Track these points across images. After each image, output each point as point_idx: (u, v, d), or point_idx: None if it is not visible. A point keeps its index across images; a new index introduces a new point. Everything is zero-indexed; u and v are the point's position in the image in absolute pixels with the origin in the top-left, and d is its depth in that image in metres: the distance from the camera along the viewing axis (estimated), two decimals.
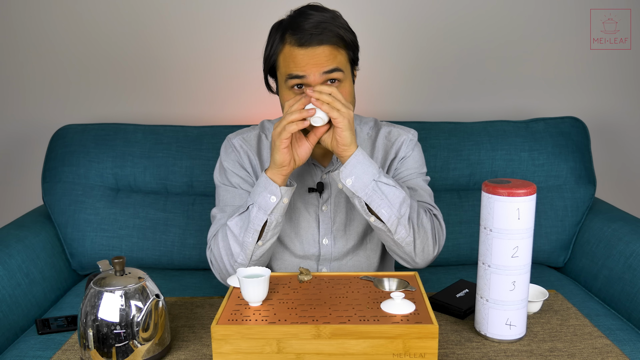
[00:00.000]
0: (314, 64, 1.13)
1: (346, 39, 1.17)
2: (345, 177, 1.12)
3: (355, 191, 1.13)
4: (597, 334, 1.04)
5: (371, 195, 1.13)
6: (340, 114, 1.09)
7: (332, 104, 1.08)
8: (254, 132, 1.35)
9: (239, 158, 1.31)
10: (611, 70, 2.08)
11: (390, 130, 1.34)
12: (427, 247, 1.20)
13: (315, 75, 1.14)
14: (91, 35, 2.01)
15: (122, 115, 2.06)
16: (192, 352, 0.99)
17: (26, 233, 1.62)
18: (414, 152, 1.33)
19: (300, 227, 1.30)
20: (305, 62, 1.13)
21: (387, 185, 1.14)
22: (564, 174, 1.81)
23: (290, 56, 1.15)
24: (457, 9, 2.01)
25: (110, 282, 0.94)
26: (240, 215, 1.18)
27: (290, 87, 1.17)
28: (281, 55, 1.17)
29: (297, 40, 1.13)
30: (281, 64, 1.18)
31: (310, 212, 1.30)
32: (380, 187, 1.13)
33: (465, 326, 1.07)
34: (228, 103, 2.07)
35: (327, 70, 1.14)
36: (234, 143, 1.32)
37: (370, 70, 1.96)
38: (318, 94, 1.08)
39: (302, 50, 1.13)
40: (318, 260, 1.32)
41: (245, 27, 2.00)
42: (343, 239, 1.31)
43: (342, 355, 0.90)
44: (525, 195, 0.95)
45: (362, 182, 1.12)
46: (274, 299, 1.00)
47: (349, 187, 1.13)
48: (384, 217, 1.13)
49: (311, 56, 1.13)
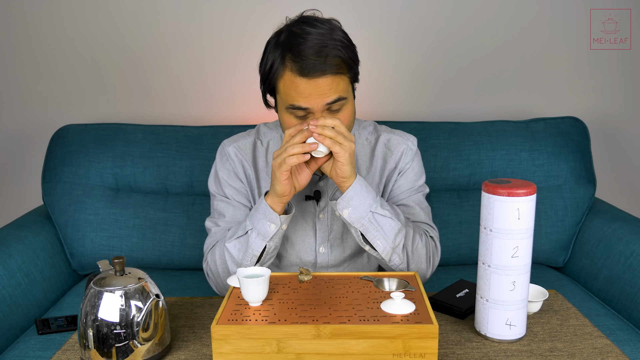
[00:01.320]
0: (317, 96, 1.11)
1: (347, 62, 1.13)
2: (342, 208, 1.13)
3: (351, 222, 1.14)
4: (597, 334, 1.04)
5: (367, 227, 1.14)
6: (342, 147, 1.08)
7: (335, 139, 1.07)
8: (249, 139, 1.33)
9: (234, 167, 1.30)
10: (611, 70, 2.08)
11: (389, 138, 1.33)
12: (420, 270, 1.22)
13: (318, 106, 1.12)
14: (91, 35, 2.01)
15: (122, 115, 2.06)
16: (192, 352, 0.99)
17: (26, 233, 1.62)
18: (413, 162, 1.32)
19: (297, 235, 1.29)
20: (308, 92, 1.11)
21: (383, 216, 1.14)
22: (564, 174, 1.81)
23: (292, 85, 1.11)
24: (457, 9, 2.01)
25: (110, 282, 0.94)
26: (239, 238, 1.19)
27: (290, 113, 1.15)
28: (281, 80, 1.14)
29: (299, 69, 1.10)
30: (282, 89, 1.15)
31: (307, 220, 1.29)
32: (376, 218, 1.14)
33: (465, 326, 1.07)
34: (228, 103, 2.07)
35: (330, 101, 1.12)
36: (229, 152, 1.31)
37: (371, 70, 1.96)
38: (321, 129, 1.07)
39: (304, 81, 1.10)
40: (315, 268, 1.31)
41: (245, 27, 2.00)
42: (340, 248, 1.30)
43: (342, 355, 0.90)
44: (525, 195, 0.95)
45: (359, 214, 1.13)
46: (274, 299, 1.00)
47: (346, 217, 1.14)
48: (378, 247, 1.15)
49: (314, 87, 1.10)
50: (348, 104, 1.16)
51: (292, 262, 1.31)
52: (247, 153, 1.31)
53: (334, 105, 1.13)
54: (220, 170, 1.31)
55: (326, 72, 1.10)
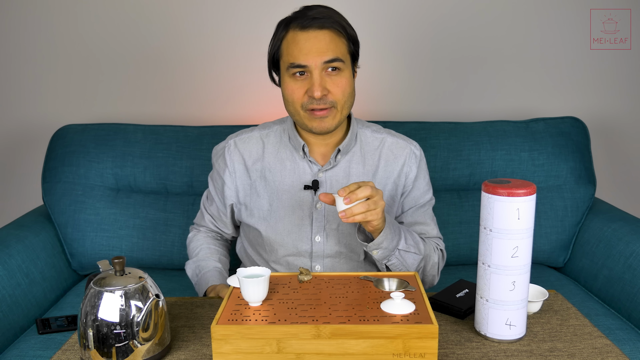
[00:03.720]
0: (315, 52, 1.17)
1: (347, 31, 1.21)
2: (372, 249, 1.20)
3: (379, 259, 1.22)
4: (597, 334, 1.04)
5: (393, 262, 1.23)
6: (374, 213, 1.09)
7: (368, 209, 1.08)
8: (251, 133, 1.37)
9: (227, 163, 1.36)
10: (611, 70, 2.08)
11: (393, 142, 1.36)
12: (428, 281, 1.36)
13: (316, 63, 1.17)
14: (91, 35, 2.01)
15: (122, 115, 2.06)
16: (192, 352, 0.99)
17: (26, 233, 1.62)
18: (418, 177, 1.36)
19: (294, 224, 1.31)
20: (307, 48, 1.17)
21: (407, 252, 1.23)
22: (564, 174, 1.81)
23: (293, 41, 1.19)
24: (458, 9, 2.01)
25: (110, 282, 0.94)
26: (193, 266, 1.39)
27: (292, 74, 1.21)
28: (284, 42, 1.21)
29: (300, 24, 1.18)
30: (284, 51, 1.21)
31: (304, 209, 1.31)
32: (401, 254, 1.22)
33: (465, 326, 1.07)
34: (228, 103, 2.07)
35: (327, 59, 1.18)
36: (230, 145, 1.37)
37: (371, 70, 1.96)
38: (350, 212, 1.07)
39: (304, 34, 1.17)
40: (311, 257, 1.32)
41: (246, 27, 2.00)
42: (335, 237, 1.31)
43: (342, 355, 0.90)
44: (525, 195, 0.95)
45: (387, 253, 1.20)
46: (274, 299, 1.00)
47: (374, 256, 1.21)
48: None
49: (313, 41, 1.17)
50: (346, 71, 1.22)
51: (289, 252, 1.32)
52: (246, 146, 1.36)
53: (331, 65, 1.19)
54: (214, 164, 1.40)
55: (325, 26, 1.18)
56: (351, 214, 1.08)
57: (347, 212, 1.08)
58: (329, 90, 1.20)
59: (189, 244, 1.46)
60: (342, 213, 1.08)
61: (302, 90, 1.21)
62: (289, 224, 1.31)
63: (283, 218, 1.31)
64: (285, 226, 1.31)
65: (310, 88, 1.19)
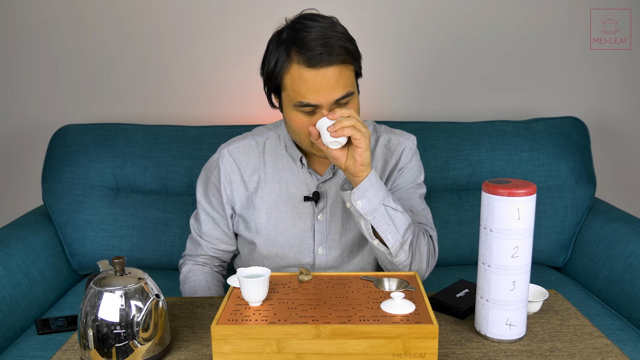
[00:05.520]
0: (325, 91, 1.11)
1: (351, 52, 1.14)
2: (357, 198, 1.11)
3: (364, 213, 1.12)
4: (597, 334, 1.04)
5: (379, 220, 1.13)
6: (362, 134, 1.08)
7: (355, 126, 1.07)
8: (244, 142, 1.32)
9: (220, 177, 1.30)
10: (611, 70, 2.08)
11: (389, 139, 1.33)
12: (420, 270, 1.22)
13: (327, 102, 1.12)
14: (91, 35, 2.01)
15: (122, 115, 2.06)
16: (192, 352, 0.99)
17: (26, 233, 1.62)
18: (411, 162, 1.32)
19: (295, 237, 1.29)
20: (316, 87, 1.10)
21: (394, 210, 1.14)
22: (564, 174, 1.81)
23: (300, 79, 1.11)
24: (457, 9, 2.01)
25: (110, 282, 0.94)
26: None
27: (298, 111, 1.15)
28: (288, 75, 1.13)
29: (306, 60, 1.09)
30: (289, 86, 1.14)
31: (305, 221, 1.29)
32: (388, 211, 1.13)
33: (465, 326, 1.07)
34: (228, 103, 2.07)
35: (339, 97, 1.12)
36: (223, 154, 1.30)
37: (370, 70, 1.95)
38: (339, 123, 1.06)
39: (312, 72, 1.10)
40: (313, 270, 1.31)
41: (245, 27, 2.00)
42: (338, 249, 1.30)
43: (342, 355, 0.90)
44: (525, 195, 0.95)
45: (372, 205, 1.12)
46: (274, 299, 1.00)
47: (359, 209, 1.12)
48: (388, 242, 1.14)
49: (322, 79, 1.10)
50: (355, 98, 1.17)
51: (291, 264, 1.31)
52: (241, 155, 1.30)
53: (342, 101, 1.14)
54: (208, 179, 1.33)
55: (333, 62, 1.10)
56: (340, 125, 1.05)
57: (336, 123, 1.06)
58: None
59: (184, 281, 1.35)
60: (332, 127, 1.06)
61: (311, 123, 1.14)
62: (290, 237, 1.29)
63: (283, 232, 1.28)
64: (287, 239, 1.29)
65: None
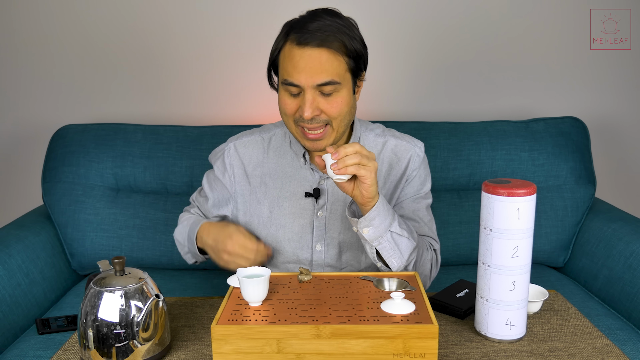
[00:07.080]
0: (308, 72, 1.11)
1: (349, 49, 1.13)
2: (363, 227, 1.12)
3: (370, 240, 1.13)
4: (597, 334, 1.04)
5: (384, 246, 1.14)
6: (367, 169, 1.06)
7: (360, 163, 1.05)
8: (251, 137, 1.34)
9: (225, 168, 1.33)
10: (611, 70, 2.08)
11: (397, 144, 1.32)
12: (422, 281, 1.24)
13: (308, 84, 1.12)
14: (91, 35, 2.01)
15: (122, 115, 2.06)
16: (192, 352, 0.99)
17: (26, 233, 1.62)
18: (419, 169, 1.32)
19: (294, 232, 1.30)
20: (300, 67, 1.11)
21: (400, 235, 1.14)
22: (564, 174, 1.81)
23: (289, 56, 1.13)
24: (458, 9, 2.01)
25: (110, 282, 0.94)
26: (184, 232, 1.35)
27: (285, 89, 1.16)
28: (282, 53, 1.16)
29: (297, 38, 1.12)
30: (280, 63, 1.17)
31: (305, 217, 1.29)
32: (394, 237, 1.14)
33: (465, 326, 1.07)
34: (228, 103, 2.07)
35: (320, 82, 1.12)
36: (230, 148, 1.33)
37: (371, 70, 1.95)
38: (342, 162, 1.04)
39: (299, 50, 1.11)
40: (311, 266, 1.31)
41: (246, 27, 2.00)
42: (336, 246, 1.30)
43: (342, 355, 0.90)
44: (525, 195, 0.95)
45: (378, 233, 1.12)
46: (274, 299, 1.00)
47: (365, 236, 1.13)
48: (393, 266, 1.16)
49: (307, 60, 1.11)
50: (342, 91, 1.15)
51: (289, 259, 1.31)
52: (245, 150, 1.33)
53: (325, 88, 1.13)
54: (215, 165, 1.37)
55: (322, 45, 1.11)
56: (344, 164, 1.03)
57: (340, 162, 1.03)
58: (322, 110, 1.14)
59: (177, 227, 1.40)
60: (335, 165, 1.04)
61: (295, 106, 1.16)
62: (290, 232, 1.30)
63: (284, 226, 1.29)
64: (286, 234, 1.30)
65: (301, 107, 1.14)
